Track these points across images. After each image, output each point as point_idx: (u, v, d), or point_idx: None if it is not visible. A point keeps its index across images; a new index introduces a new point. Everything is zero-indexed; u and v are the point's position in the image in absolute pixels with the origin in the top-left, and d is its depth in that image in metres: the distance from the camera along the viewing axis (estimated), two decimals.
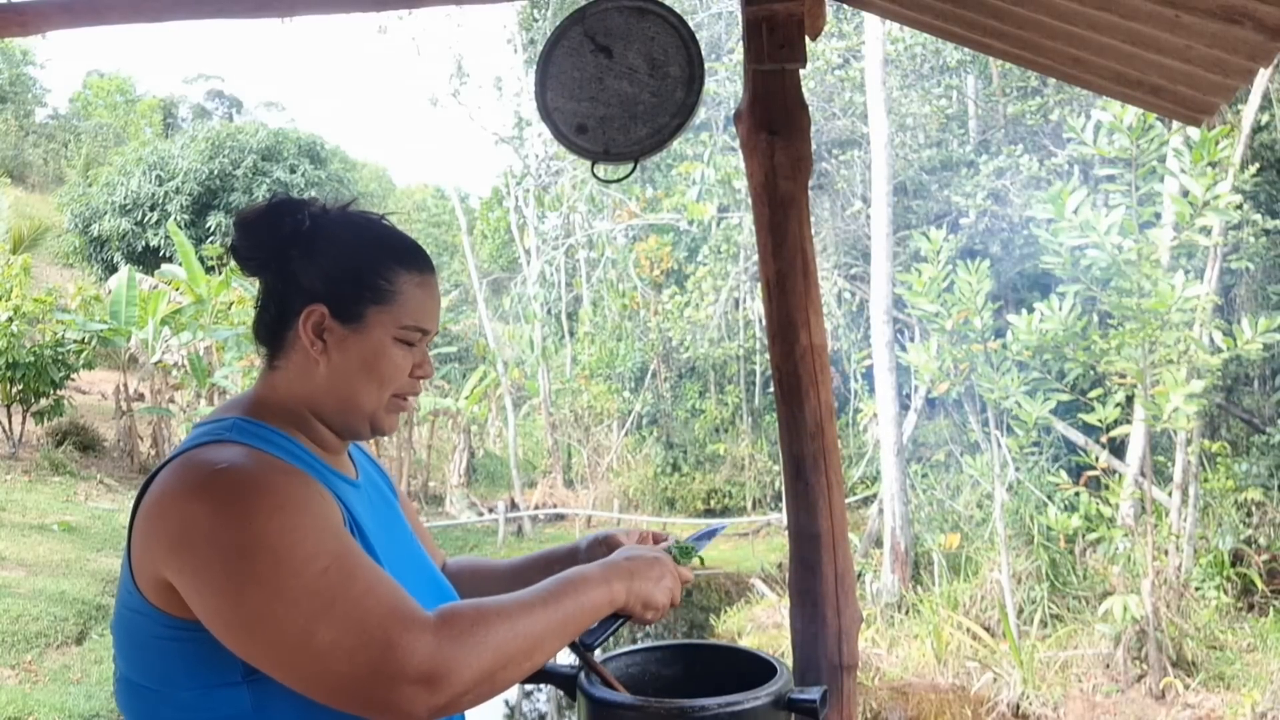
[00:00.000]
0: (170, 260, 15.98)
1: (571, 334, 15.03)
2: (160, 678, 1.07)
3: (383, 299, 1.19)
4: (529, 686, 7.26)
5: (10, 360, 10.78)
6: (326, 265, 1.20)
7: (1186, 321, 6.08)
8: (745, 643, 7.33)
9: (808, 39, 2.07)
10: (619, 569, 1.19)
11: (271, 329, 1.22)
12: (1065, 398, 6.58)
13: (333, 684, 0.99)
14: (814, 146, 2.15)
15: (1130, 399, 6.59)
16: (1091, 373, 6.56)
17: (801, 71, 2.06)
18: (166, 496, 1.05)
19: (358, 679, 0.98)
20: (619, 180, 2.51)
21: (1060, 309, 6.28)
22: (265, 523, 1.01)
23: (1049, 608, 6.89)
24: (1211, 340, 6.23)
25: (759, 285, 2.18)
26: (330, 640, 0.98)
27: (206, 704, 1.05)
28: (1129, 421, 6.84)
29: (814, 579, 1.99)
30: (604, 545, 1.41)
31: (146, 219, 19.36)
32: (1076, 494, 6.91)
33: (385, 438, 12.52)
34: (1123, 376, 6.31)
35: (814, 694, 1.29)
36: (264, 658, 1.01)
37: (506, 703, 7.18)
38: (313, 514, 1.05)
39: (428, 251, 1.29)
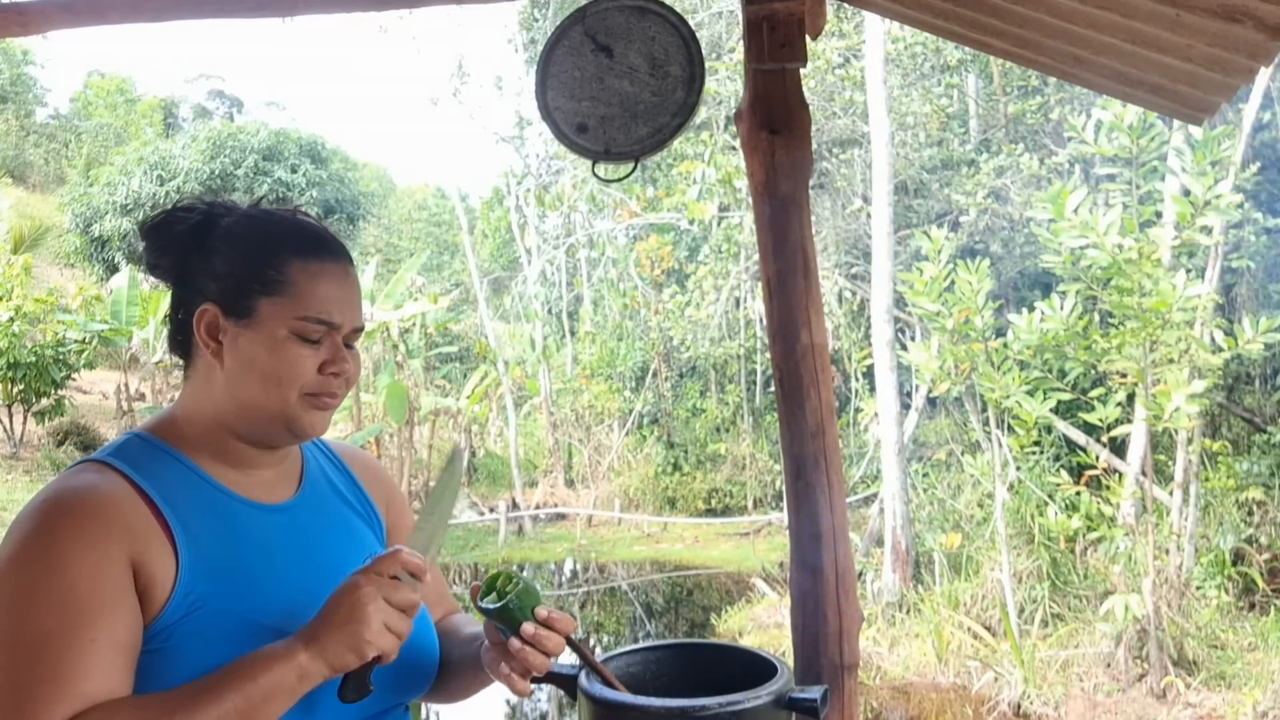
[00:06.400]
0: None
1: (572, 333, 15.04)
2: None
3: (273, 289, 1.12)
4: (530, 686, 7.24)
5: (11, 360, 10.79)
6: (217, 262, 1.15)
7: (1188, 320, 6.07)
8: (746, 642, 7.32)
9: (808, 38, 2.08)
10: (304, 634, 1.04)
11: (178, 338, 1.19)
12: (1066, 397, 6.57)
13: None
14: (814, 145, 2.15)
15: (1131, 398, 6.58)
16: (1092, 372, 6.56)
17: (802, 70, 2.06)
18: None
19: None
20: (619, 179, 2.51)
21: (1061, 308, 6.28)
22: (14, 573, 1.01)
23: (1050, 607, 6.89)
24: (1212, 339, 6.22)
25: (760, 284, 2.18)
26: None
27: None
28: (1130, 421, 6.84)
29: (815, 578, 1.99)
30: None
31: (148, 219, 19.34)
32: (1077, 493, 6.90)
33: (385, 440, 12.60)
34: (1124, 376, 6.30)
35: (815, 693, 1.28)
36: None
37: (508, 701, 7.17)
38: (66, 582, 1.00)
39: (345, 246, 1.21)
